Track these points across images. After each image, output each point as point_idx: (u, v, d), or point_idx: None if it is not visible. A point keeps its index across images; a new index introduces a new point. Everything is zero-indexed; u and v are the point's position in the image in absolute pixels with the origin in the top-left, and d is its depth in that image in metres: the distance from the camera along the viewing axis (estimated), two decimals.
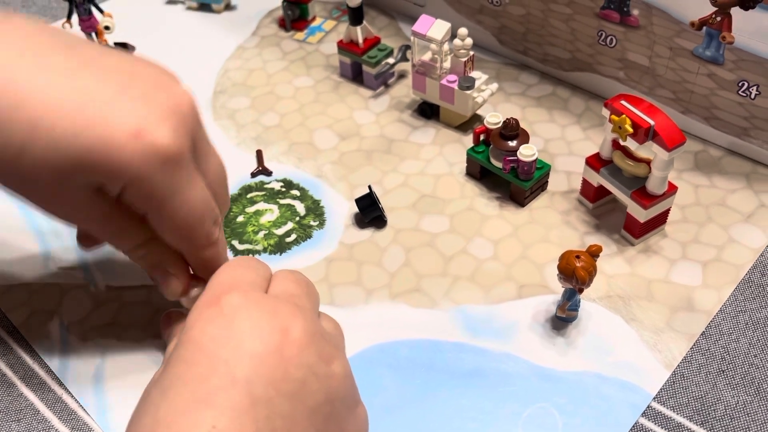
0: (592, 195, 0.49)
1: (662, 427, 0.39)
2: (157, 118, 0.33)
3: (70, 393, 0.42)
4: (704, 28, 0.48)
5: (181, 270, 0.39)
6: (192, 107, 0.36)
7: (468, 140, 0.56)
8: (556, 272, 0.41)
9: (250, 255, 0.49)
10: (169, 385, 0.30)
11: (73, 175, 0.33)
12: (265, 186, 0.53)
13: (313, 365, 0.31)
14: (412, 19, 0.56)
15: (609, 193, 0.49)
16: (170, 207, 0.34)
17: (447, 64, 0.55)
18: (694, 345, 0.42)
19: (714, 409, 0.39)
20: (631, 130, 0.43)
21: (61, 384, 0.42)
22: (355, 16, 0.58)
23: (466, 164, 0.53)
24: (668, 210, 0.47)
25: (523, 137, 0.49)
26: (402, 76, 0.62)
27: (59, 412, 0.41)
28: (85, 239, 0.42)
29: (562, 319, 0.44)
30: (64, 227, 0.51)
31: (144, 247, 0.38)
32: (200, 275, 0.39)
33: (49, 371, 0.43)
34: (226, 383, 0.29)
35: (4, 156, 0.32)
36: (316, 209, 0.51)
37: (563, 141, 0.55)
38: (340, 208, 0.51)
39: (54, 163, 0.32)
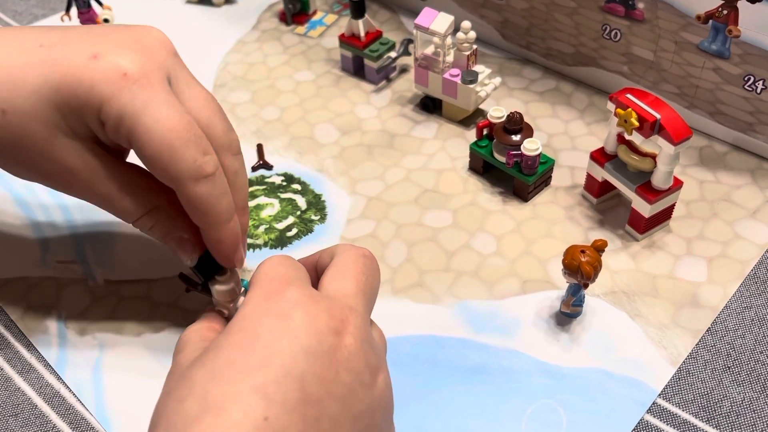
0: (597, 190, 0.49)
1: (668, 424, 0.38)
2: (114, 46, 0.35)
3: (68, 387, 0.41)
4: (710, 21, 0.48)
5: (195, 234, 0.37)
6: (161, 42, 0.36)
7: (471, 135, 0.55)
8: (560, 267, 0.41)
9: (260, 246, 0.48)
10: (220, 369, 0.29)
11: (59, 122, 0.34)
12: (266, 180, 0.53)
13: (361, 373, 0.30)
14: (414, 13, 0.56)
15: (613, 188, 0.48)
16: (144, 126, 0.33)
17: (450, 58, 0.54)
18: (700, 341, 0.42)
19: (720, 406, 0.39)
20: (636, 123, 0.42)
21: (59, 378, 0.42)
22: (357, 10, 0.58)
23: (468, 159, 0.53)
24: (673, 205, 0.47)
25: (527, 131, 0.49)
26: (404, 70, 0.62)
27: (57, 406, 0.41)
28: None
29: (567, 315, 0.43)
30: (62, 221, 0.50)
31: (153, 215, 0.37)
32: (217, 253, 0.38)
33: (47, 365, 0.42)
34: (280, 376, 0.28)
35: None
36: (317, 203, 0.51)
37: (566, 136, 0.55)
38: (342, 203, 0.51)
39: (39, 114, 0.34)
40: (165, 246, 0.38)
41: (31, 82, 0.34)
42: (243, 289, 0.40)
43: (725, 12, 0.47)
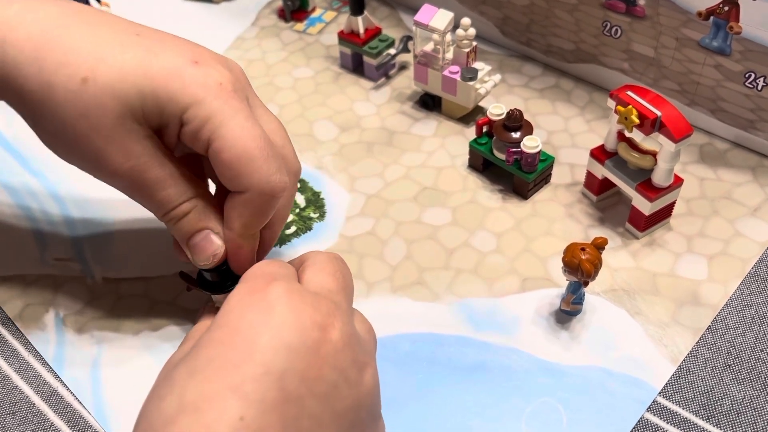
0: (597, 187, 0.49)
1: (668, 422, 0.38)
2: (210, 58, 0.36)
3: (65, 386, 0.41)
4: (711, 18, 0.48)
5: (222, 231, 0.37)
6: (240, 69, 0.38)
7: (470, 132, 0.55)
8: (560, 265, 0.41)
9: None
10: (199, 367, 0.29)
11: (135, 106, 0.34)
12: None
13: (347, 370, 0.30)
14: (414, 10, 0.56)
15: (613, 185, 0.48)
16: (230, 131, 0.34)
17: (449, 55, 0.54)
18: (700, 339, 0.42)
19: (720, 404, 0.39)
20: (637, 120, 0.42)
21: (56, 377, 0.42)
22: (356, 6, 0.58)
23: (468, 156, 0.52)
24: (674, 203, 0.47)
25: (527, 129, 0.49)
26: (403, 67, 0.62)
27: (55, 405, 0.40)
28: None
29: (567, 313, 0.43)
30: (60, 218, 0.50)
31: (192, 202, 0.36)
32: (236, 259, 0.38)
33: (45, 364, 0.42)
34: (259, 373, 0.28)
35: (69, 85, 0.33)
36: (316, 201, 0.51)
37: (566, 133, 0.55)
38: (341, 200, 0.51)
39: (119, 92, 0.33)
40: (187, 243, 0.38)
41: (121, 60, 0.34)
42: None
43: (726, 8, 0.47)
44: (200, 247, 0.37)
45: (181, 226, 0.37)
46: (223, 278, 0.38)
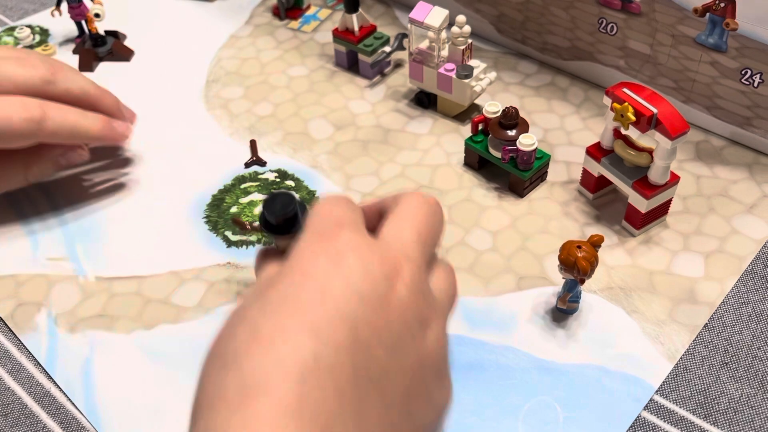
0: (593, 185, 0.48)
1: (665, 421, 0.38)
2: None
3: (58, 387, 0.41)
4: (707, 14, 0.48)
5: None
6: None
7: (466, 130, 0.55)
8: (556, 263, 0.40)
9: (254, 242, 0.48)
10: (273, 305, 0.29)
11: None
12: (259, 176, 0.52)
13: (412, 325, 0.30)
14: (409, 7, 0.56)
15: (609, 183, 0.48)
16: None
17: (444, 53, 0.54)
18: (697, 337, 0.41)
19: (717, 403, 0.39)
20: (633, 118, 0.42)
21: (49, 377, 0.41)
22: (351, 4, 0.57)
23: (464, 154, 0.52)
24: (670, 200, 0.46)
25: (523, 126, 0.49)
26: (398, 64, 0.61)
27: (47, 406, 0.40)
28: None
29: (563, 311, 0.43)
30: (52, 217, 0.50)
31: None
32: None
33: (37, 364, 0.42)
34: (332, 316, 0.28)
35: None
36: (311, 200, 0.50)
37: (562, 131, 0.54)
38: None
39: None
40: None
41: None
42: None
43: (722, 5, 0.47)
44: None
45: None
46: (287, 221, 0.37)
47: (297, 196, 0.36)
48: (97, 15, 0.61)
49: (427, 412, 0.31)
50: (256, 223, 0.38)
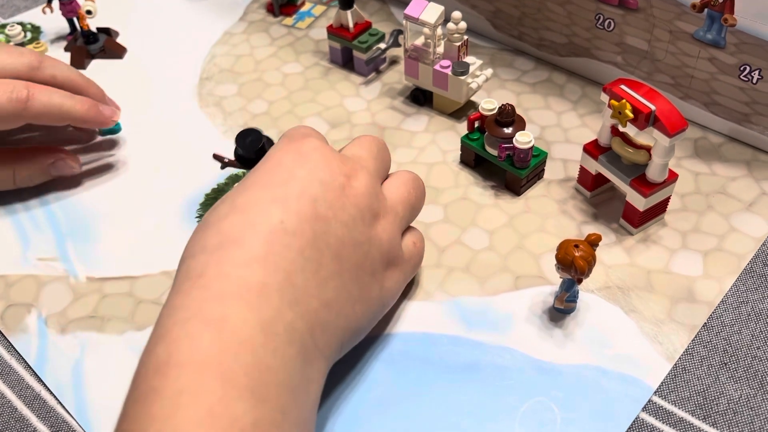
0: (590, 183, 0.48)
1: (664, 422, 0.38)
2: None
3: (48, 389, 0.40)
4: (706, 10, 0.47)
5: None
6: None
7: (462, 128, 0.54)
8: (554, 262, 0.40)
9: None
10: (248, 185, 0.35)
11: None
12: None
13: (364, 212, 0.36)
14: (404, 4, 0.55)
15: (607, 181, 0.48)
16: None
17: (440, 49, 0.53)
18: (696, 337, 0.41)
19: (717, 404, 0.38)
20: (631, 115, 0.42)
21: (39, 380, 0.40)
22: (346, 0, 0.57)
23: (460, 152, 0.52)
24: (668, 198, 0.46)
25: (519, 124, 0.48)
26: (394, 61, 0.61)
27: (37, 409, 0.39)
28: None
29: (560, 311, 0.42)
30: (43, 217, 0.49)
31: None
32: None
33: (27, 367, 0.41)
34: (297, 193, 0.34)
35: None
36: None
37: (559, 128, 0.54)
38: None
39: None
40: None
41: None
42: None
43: (720, 0, 0.46)
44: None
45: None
46: (257, 154, 0.45)
47: (264, 133, 0.45)
48: (88, 12, 0.61)
49: (373, 287, 0.37)
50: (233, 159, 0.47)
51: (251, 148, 0.45)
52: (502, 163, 0.48)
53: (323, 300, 0.34)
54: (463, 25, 0.51)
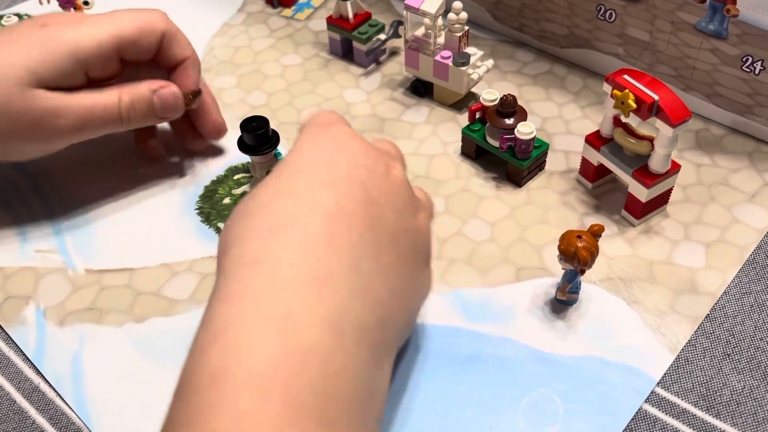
0: (592, 174, 0.48)
1: (667, 413, 0.37)
2: None
3: (47, 382, 0.40)
4: (708, 0, 0.47)
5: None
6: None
7: (463, 119, 0.54)
8: (555, 254, 0.40)
9: None
10: (288, 170, 0.32)
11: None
12: None
13: (406, 202, 0.34)
14: None
15: (609, 172, 0.47)
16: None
17: (441, 40, 0.53)
18: (699, 328, 0.41)
19: (720, 395, 0.38)
20: (634, 105, 0.41)
21: (38, 372, 0.40)
22: None
23: (461, 143, 0.51)
24: (670, 189, 0.46)
25: (521, 115, 0.48)
26: (394, 52, 0.60)
27: (36, 402, 0.39)
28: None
29: (562, 302, 0.42)
30: (41, 209, 0.49)
31: (121, 92, 0.45)
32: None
33: (26, 359, 0.41)
34: (345, 176, 0.32)
35: None
36: None
37: (561, 120, 0.54)
38: None
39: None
40: (155, 107, 0.46)
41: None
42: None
43: None
44: (163, 96, 0.46)
45: (138, 109, 0.45)
46: (259, 141, 0.46)
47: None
48: (86, 3, 0.60)
49: (423, 279, 0.35)
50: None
51: (257, 132, 0.45)
52: (503, 154, 0.48)
53: (388, 288, 0.31)
54: (464, 15, 0.51)
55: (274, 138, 0.47)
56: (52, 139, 0.44)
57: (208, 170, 0.51)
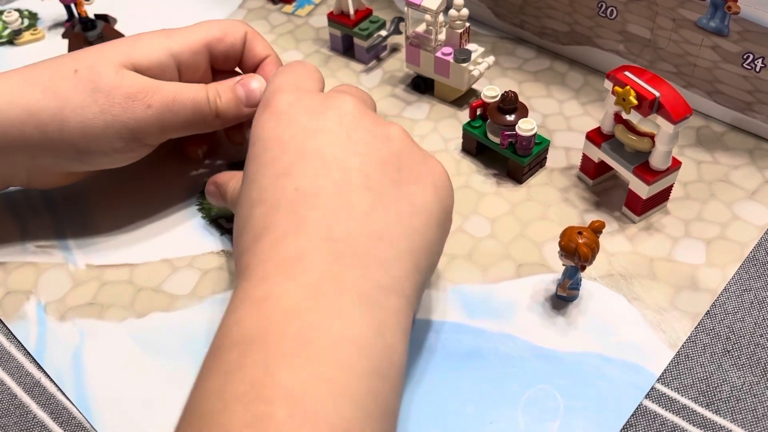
0: (593, 171, 0.48)
1: (666, 409, 0.38)
2: None
3: (48, 377, 0.40)
4: None
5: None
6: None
7: (463, 116, 0.54)
8: (556, 250, 0.40)
9: None
10: (254, 173, 0.35)
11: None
12: None
13: (371, 128, 0.35)
14: None
15: (609, 169, 0.47)
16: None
17: (442, 36, 0.53)
18: (699, 325, 0.41)
19: (719, 391, 0.38)
20: (635, 101, 0.41)
21: (39, 367, 0.40)
22: None
23: (461, 140, 0.51)
24: (671, 186, 0.46)
25: (522, 111, 0.48)
26: (395, 49, 0.60)
27: (37, 396, 0.39)
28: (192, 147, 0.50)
29: (563, 298, 0.42)
30: (41, 204, 0.49)
31: (209, 88, 0.45)
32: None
33: (27, 354, 0.41)
34: (297, 157, 0.34)
35: None
36: None
37: (561, 116, 0.54)
38: None
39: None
40: (242, 99, 0.46)
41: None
42: None
43: None
44: (246, 84, 0.46)
45: (224, 99, 0.45)
46: None
47: None
48: None
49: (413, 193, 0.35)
50: None
51: None
52: (504, 150, 0.48)
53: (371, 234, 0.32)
54: (465, 11, 0.51)
55: None
56: (142, 127, 0.42)
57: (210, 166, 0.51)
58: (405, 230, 0.33)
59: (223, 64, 0.47)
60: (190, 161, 0.51)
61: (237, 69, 0.49)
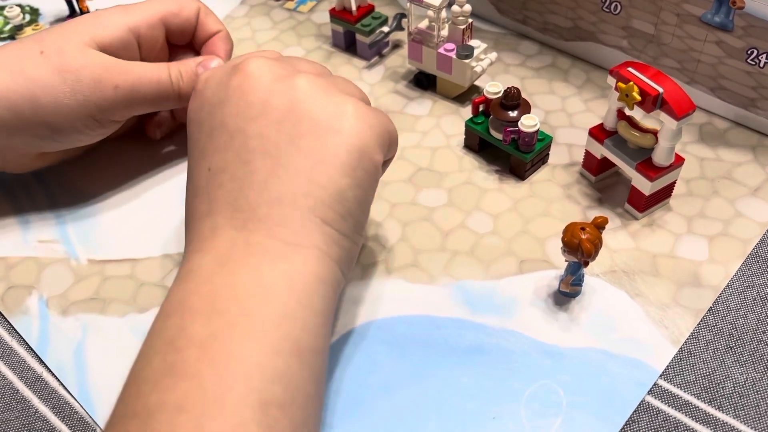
0: (595, 167, 0.48)
1: (669, 405, 0.37)
2: None
3: (50, 371, 0.40)
4: None
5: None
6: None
7: (466, 112, 0.54)
8: (558, 246, 0.40)
9: None
10: (188, 161, 0.38)
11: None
12: None
13: (270, 86, 0.36)
14: None
15: (612, 165, 0.47)
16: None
17: (444, 32, 0.53)
18: (701, 321, 0.41)
19: (722, 387, 0.38)
20: (638, 97, 0.41)
21: (41, 362, 0.40)
22: None
23: (464, 136, 0.51)
24: (674, 183, 0.46)
25: (524, 107, 0.48)
26: (397, 45, 0.60)
27: (39, 391, 0.39)
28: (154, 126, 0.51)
29: (565, 295, 0.42)
30: (43, 199, 0.49)
31: (170, 68, 0.47)
32: None
33: (29, 349, 0.41)
34: (208, 136, 0.36)
35: None
36: None
37: (564, 113, 0.54)
38: None
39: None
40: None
41: None
42: None
43: None
44: (207, 65, 0.47)
45: (186, 79, 0.47)
46: None
47: None
48: None
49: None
50: None
51: None
52: (506, 147, 0.48)
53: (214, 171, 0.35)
54: (467, 7, 0.51)
55: None
56: (111, 107, 0.44)
57: None
58: (306, 187, 0.34)
59: (179, 38, 0.49)
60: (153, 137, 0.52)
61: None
